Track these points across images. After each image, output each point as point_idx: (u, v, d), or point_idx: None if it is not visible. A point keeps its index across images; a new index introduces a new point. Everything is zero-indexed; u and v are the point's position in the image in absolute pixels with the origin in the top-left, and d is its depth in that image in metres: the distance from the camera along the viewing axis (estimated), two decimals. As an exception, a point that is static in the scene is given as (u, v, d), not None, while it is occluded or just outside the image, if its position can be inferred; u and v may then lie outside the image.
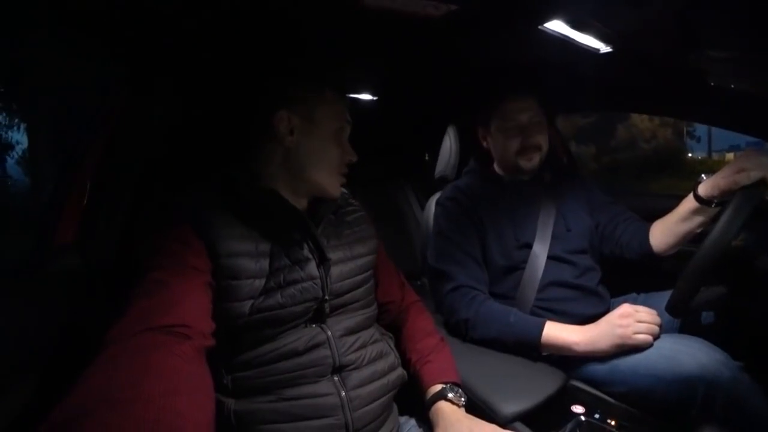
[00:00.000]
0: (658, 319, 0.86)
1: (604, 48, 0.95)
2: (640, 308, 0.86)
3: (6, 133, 9.33)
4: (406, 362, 0.83)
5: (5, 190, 9.22)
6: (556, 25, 0.84)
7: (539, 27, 0.85)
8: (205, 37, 0.86)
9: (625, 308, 0.87)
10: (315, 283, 0.70)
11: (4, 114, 9.19)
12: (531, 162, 1.10)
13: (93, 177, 0.87)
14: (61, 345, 0.68)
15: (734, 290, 0.88)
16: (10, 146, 9.40)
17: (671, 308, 0.83)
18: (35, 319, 0.68)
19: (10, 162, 9.54)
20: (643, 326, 0.84)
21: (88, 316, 0.71)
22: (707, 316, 0.95)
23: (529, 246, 1.05)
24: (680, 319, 0.97)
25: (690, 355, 0.78)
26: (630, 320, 0.85)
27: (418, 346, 0.85)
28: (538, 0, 0.76)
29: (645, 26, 0.82)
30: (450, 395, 0.75)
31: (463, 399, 0.76)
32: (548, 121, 1.15)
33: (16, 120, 9.27)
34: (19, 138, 9.47)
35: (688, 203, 0.95)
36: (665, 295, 0.86)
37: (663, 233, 1.03)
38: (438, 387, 0.77)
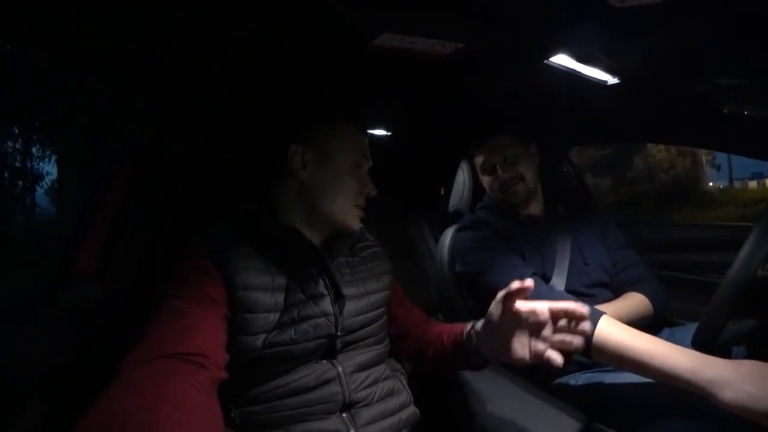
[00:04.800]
0: None
1: (611, 80, 0.96)
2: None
3: (38, 164, 9.80)
4: (437, 357, 0.80)
5: (32, 218, 9.58)
6: (562, 59, 0.86)
7: (545, 62, 0.87)
8: (223, 78, 0.91)
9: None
10: (329, 320, 0.70)
11: (38, 146, 9.69)
12: (517, 194, 1.11)
13: (115, 209, 0.90)
14: (78, 369, 0.68)
15: (765, 323, 0.83)
16: (40, 177, 9.85)
17: (698, 343, 0.79)
18: (54, 344, 0.69)
19: (40, 192, 9.98)
20: None
21: (105, 342, 0.72)
22: (739, 352, 0.90)
23: (547, 280, 1.02)
24: (709, 355, 0.91)
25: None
26: None
27: (435, 333, 0.82)
28: (543, 35, 0.78)
29: (650, 57, 0.83)
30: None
31: None
32: (562, 155, 1.17)
33: (48, 152, 9.76)
34: (49, 169, 9.94)
35: None
36: (691, 329, 0.82)
37: None
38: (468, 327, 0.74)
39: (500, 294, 0.62)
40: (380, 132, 1.61)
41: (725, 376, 0.59)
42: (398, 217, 1.73)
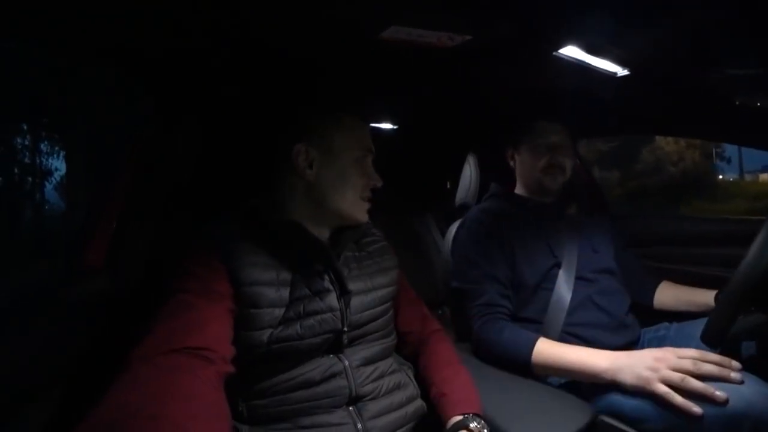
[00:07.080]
0: (708, 368, 0.72)
1: (621, 71, 0.95)
2: (686, 353, 0.74)
3: (47, 160, 9.87)
4: (426, 394, 0.80)
5: (42, 213, 9.67)
6: (572, 51, 0.85)
7: (554, 53, 0.86)
8: (226, 74, 0.91)
9: (663, 352, 0.75)
10: (335, 315, 0.70)
11: (46, 142, 9.76)
12: (555, 182, 1.11)
13: (122, 204, 0.91)
14: (86, 363, 0.69)
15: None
16: (49, 172, 9.93)
17: (707, 338, 0.78)
18: (63, 338, 0.70)
19: (48, 187, 10.07)
20: (675, 376, 0.72)
21: (113, 336, 0.73)
22: (748, 346, 0.89)
23: (557, 267, 1.03)
24: (718, 350, 0.91)
25: (733, 389, 0.72)
26: (662, 365, 0.73)
27: (437, 378, 0.82)
28: (552, 27, 0.77)
29: (660, 48, 0.82)
30: (471, 425, 0.72)
31: (486, 430, 0.73)
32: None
33: (56, 148, 9.82)
34: (58, 165, 10.02)
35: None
36: (700, 324, 0.81)
37: (674, 300, 1.10)
38: (459, 417, 0.74)
39: None
40: (387, 126, 1.61)
41: (626, 364, 0.76)
42: (405, 211, 1.73)
